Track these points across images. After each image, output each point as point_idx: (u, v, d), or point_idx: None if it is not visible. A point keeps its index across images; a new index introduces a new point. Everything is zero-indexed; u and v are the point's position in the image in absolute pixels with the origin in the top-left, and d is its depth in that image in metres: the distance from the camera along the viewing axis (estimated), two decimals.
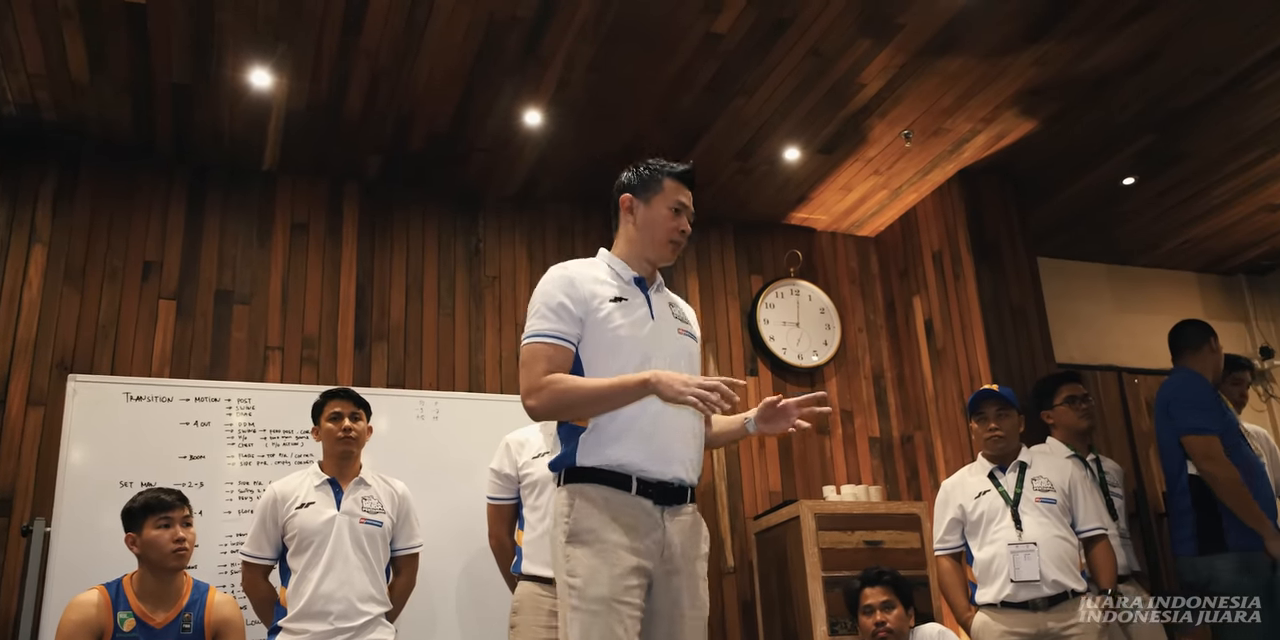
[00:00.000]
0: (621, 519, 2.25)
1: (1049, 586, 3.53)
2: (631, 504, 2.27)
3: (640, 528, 2.26)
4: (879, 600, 3.54)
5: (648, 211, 2.49)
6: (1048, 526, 3.61)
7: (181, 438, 4.01)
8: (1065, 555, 3.59)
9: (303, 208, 4.74)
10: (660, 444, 2.31)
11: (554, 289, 2.39)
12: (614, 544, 2.22)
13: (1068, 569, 3.57)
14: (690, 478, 2.37)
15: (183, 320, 4.39)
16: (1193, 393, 3.81)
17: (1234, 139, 4.82)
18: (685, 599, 2.30)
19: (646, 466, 2.29)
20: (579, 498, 2.29)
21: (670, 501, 2.31)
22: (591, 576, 2.20)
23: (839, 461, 5.17)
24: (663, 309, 2.49)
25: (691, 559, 2.34)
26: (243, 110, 4.27)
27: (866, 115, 4.51)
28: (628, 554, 2.22)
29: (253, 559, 3.43)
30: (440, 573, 4.05)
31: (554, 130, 4.51)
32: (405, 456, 4.14)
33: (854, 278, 5.55)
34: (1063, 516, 3.67)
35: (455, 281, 4.85)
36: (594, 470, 2.30)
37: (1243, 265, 6.28)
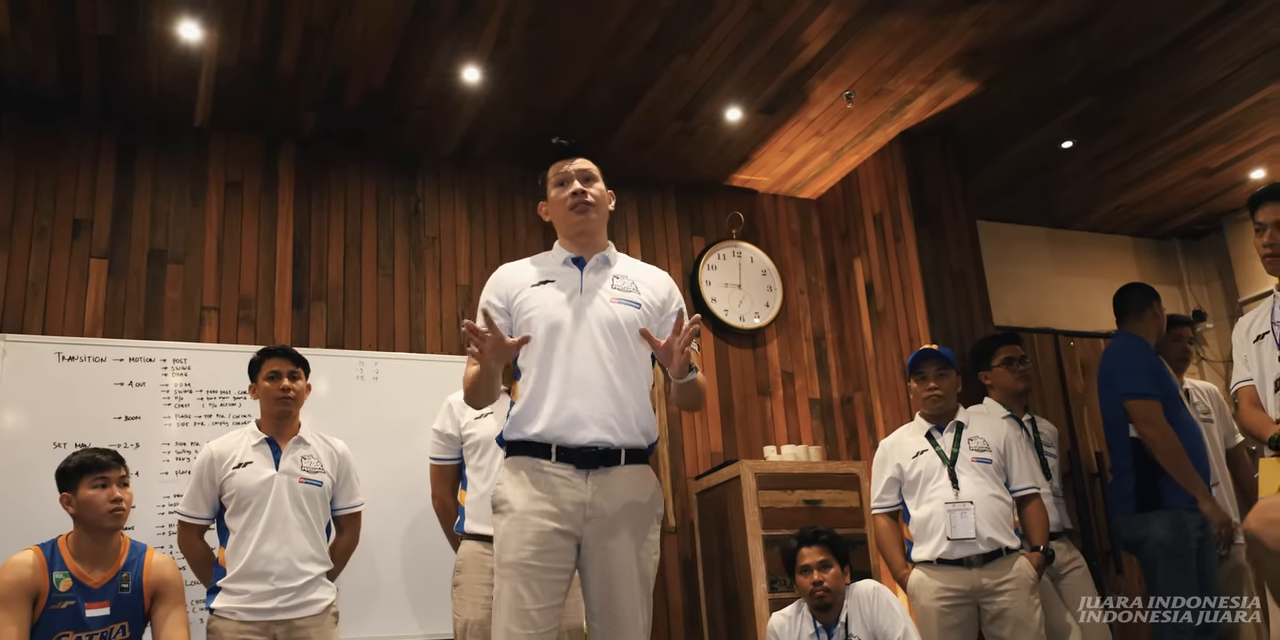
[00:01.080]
0: (537, 487, 2.39)
1: (984, 544, 3.59)
2: (552, 471, 2.40)
3: (559, 494, 2.38)
4: (816, 560, 3.58)
5: (550, 203, 2.71)
6: (983, 485, 3.67)
7: (116, 398, 4.00)
8: (1000, 513, 3.65)
9: (236, 165, 4.70)
10: (573, 409, 2.42)
11: (484, 293, 2.65)
12: (525, 511, 2.38)
13: (1002, 527, 3.63)
14: (619, 439, 2.44)
15: (115, 279, 4.36)
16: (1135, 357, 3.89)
17: (1174, 101, 4.90)
18: (620, 558, 2.39)
19: (563, 433, 2.41)
20: (506, 470, 2.46)
21: (594, 464, 2.41)
22: (504, 543, 2.39)
23: (780, 422, 5.25)
24: (598, 281, 2.61)
25: (627, 518, 2.42)
26: (172, 64, 4.21)
27: (809, 75, 4.54)
28: (540, 519, 2.37)
29: (189, 519, 3.44)
30: (383, 533, 4.08)
31: (493, 88, 4.50)
32: (345, 417, 4.16)
33: (795, 240, 5.61)
34: (998, 476, 3.73)
35: (395, 241, 4.84)
36: (518, 443, 2.45)
37: (1177, 229, 6.43)
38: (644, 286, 2.65)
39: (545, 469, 2.41)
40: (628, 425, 2.46)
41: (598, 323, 2.52)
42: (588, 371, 2.46)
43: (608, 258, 2.67)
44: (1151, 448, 3.74)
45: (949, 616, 3.62)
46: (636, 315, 2.57)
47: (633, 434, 2.46)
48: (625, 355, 2.51)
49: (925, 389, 3.85)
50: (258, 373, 3.52)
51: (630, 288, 2.63)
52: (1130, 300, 4.12)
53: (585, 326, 2.51)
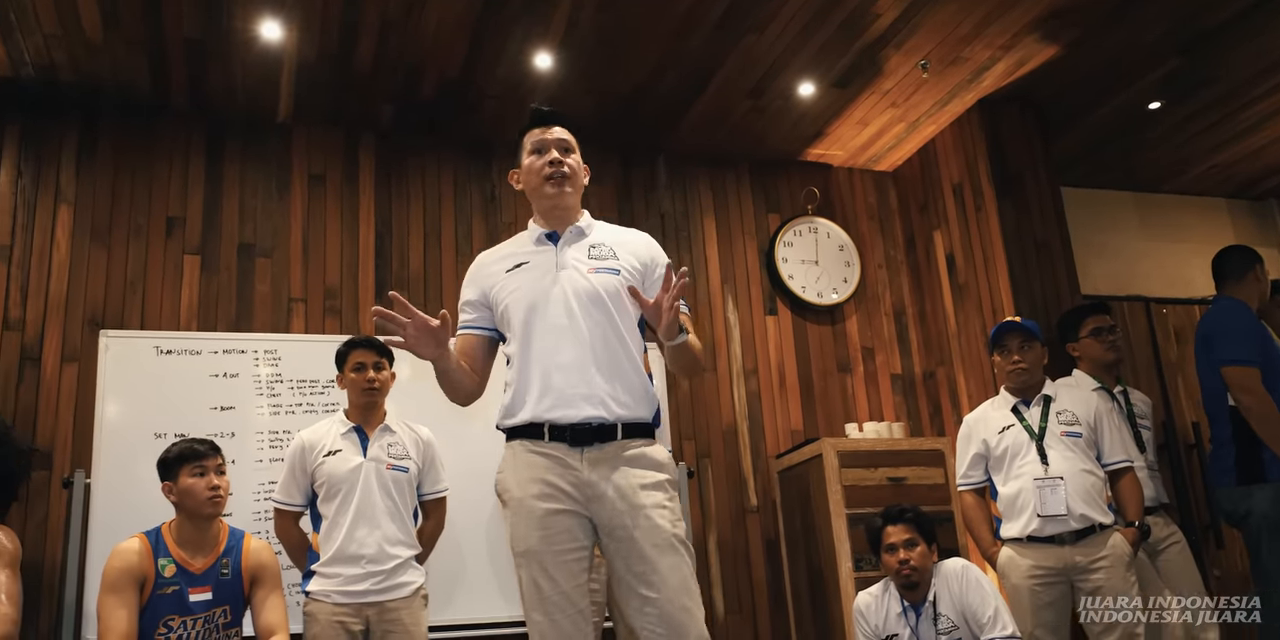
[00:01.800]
0: (533, 471, 2.31)
1: (1076, 520, 3.51)
2: (545, 452, 2.31)
3: (556, 474, 2.29)
4: (902, 538, 3.52)
5: (523, 171, 2.56)
6: (1073, 460, 3.59)
7: (211, 389, 4.09)
8: (1092, 489, 3.56)
9: (319, 158, 4.77)
10: (558, 389, 2.32)
11: (463, 289, 2.57)
12: (525, 496, 2.30)
13: (1094, 502, 3.54)
14: (613, 413, 2.32)
15: (207, 274, 4.46)
16: (1234, 322, 3.72)
17: (1264, 60, 4.71)
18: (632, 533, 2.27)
19: (553, 414, 2.31)
20: (503, 458, 2.40)
21: (589, 441, 2.31)
22: (512, 532, 2.32)
23: (860, 399, 5.19)
24: (574, 254, 2.48)
25: (629, 491, 2.29)
26: (255, 62, 4.29)
27: (882, 46, 4.44)
28: (541, 502, 2.28)
29: (284, 506, 3.51)
30: (468, 518, 4.12)
31: (564, 74, 4.49)
32: (429, 404, 4.10)
33: (872, 213, 5.52)
34: (1088, 450, 3.64)
35: (472, 228, 4.87)
36: (511, 429, 2.38)
37: (1274, 189, 6.17)
38: (622, 250, 2.51)
39: (539, 450, 2.31)
40: (620, 399, 2.34)
41: (575, 296, 2.40)
42: (572, 347, 2.35)
43: (582, 229, 2.53)
44: (1247, 417, 3.59)
45: (1042, 595, 3.55)
46: (617, 282, 2.43)
47: (628, 407, 2.34)
48: (610, 326, 2.39)
49: (1009, 362, 3.76)
50: (344, 364, 3.57)
51: (608, 254, 2.49)
52: (1230, 263, 3.94)
53: (563, 302, 2.39)
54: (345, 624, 3.31)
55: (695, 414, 4.92)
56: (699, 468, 4.83)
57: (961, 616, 3.45)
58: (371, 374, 3.53)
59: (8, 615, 3.09)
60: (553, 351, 2.35)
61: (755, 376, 5.07)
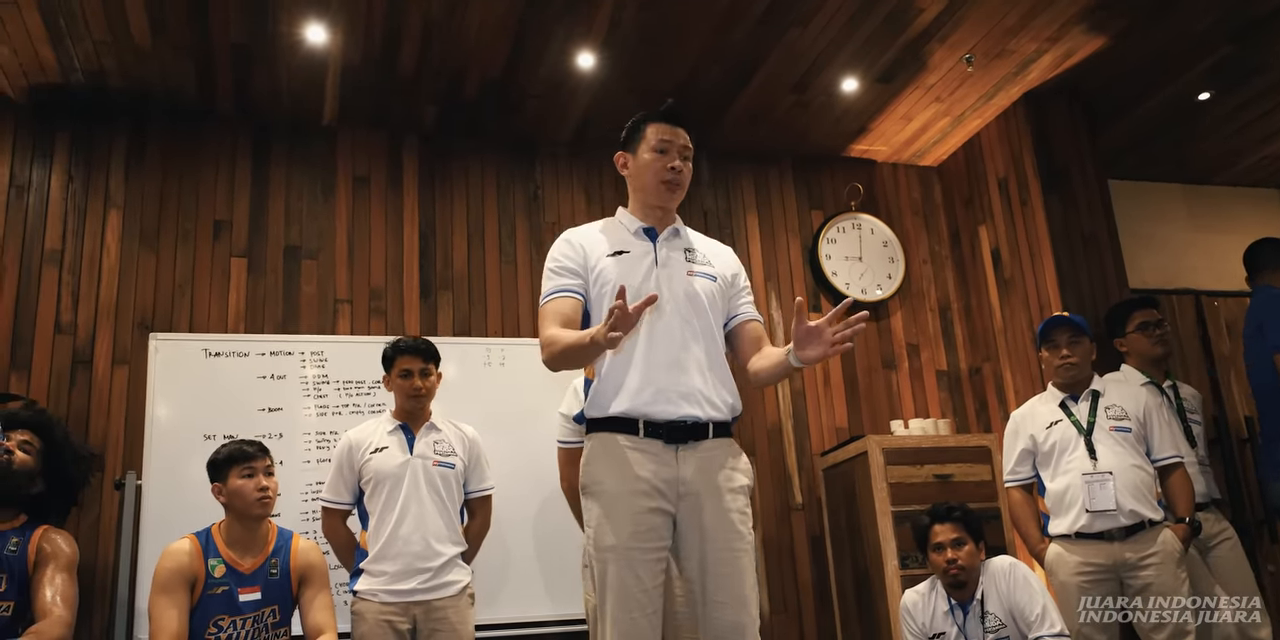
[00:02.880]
0: (629, 465, 2.30)
1: (1125, 516, 3.48)
2: (640, 447, 2.31)
3: (650, 470, 2.30)
4: (949, 537, 3.50)
5: (636, 161, 2.56)
6: (1123, 455, 3.55)
7: (259, 391, 4.11)
8: (1141, 484, 3.52)
9: (363, 161, 4.77)
10: (659, 384, 2.34)
11: (554, 253, 2.54)
12: (620, 492, 2.28)
13: (1144, 498, 3.50)
14: (706, 413, 2.36)
15: (254, 277, 4.48)
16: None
17: None
18: (713, 534, 2.30)
19: (651, 409, 2.32)
20: (591, 449, 2.37)
21: (683, 439, 2.32)
22: (600, 526, 2.29)
23: (906, 396, 5.13)
24: (673, 255, 2.51)
25: (717, 493, 2.33)
26: (300, 66, 4.29)
27: (926, 40, 4.38)
28: (635, 498, 2.28)
29: (331, 504, 3.51)
30: (514, 516, 4.12)
31: (606, 72, 4.46)
32: (474, 403, 4.18)
33: (917, 209, 5.46)
34: (1138, 445, 3.60)
35: (515, 228, 4.86)
36: (603, 420, 2.36)
37: None
38: (716, 259, 2.58)
39: (634, 445, 2.32)
40: (713, 399, 2.39)
41: (677, 296, 2.44)
42: (672, 345, 2.38)
43: (679, 230, 2.58)
44: None
45: (1090, 592, 3.50)
46: (714, 288, 2.51)
47: (718, 408, 2.39)
48: (706, 328, 2.44)
49: (1058, 357, 3.73)
50: (391, 367, 3.56)
51: (704, 261, 2.55)
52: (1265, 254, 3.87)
53: (669, 300, 2.42)
54: (393, 623, 3.30)
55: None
56: None
57: (1009, 615, 3.43)
58: (418, 382, 3.52)
59: (62, 617, 3.11)
60: (655, 347, 2.37)
61: (799, 374, 5.03)
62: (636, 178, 2.55)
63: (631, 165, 2.56)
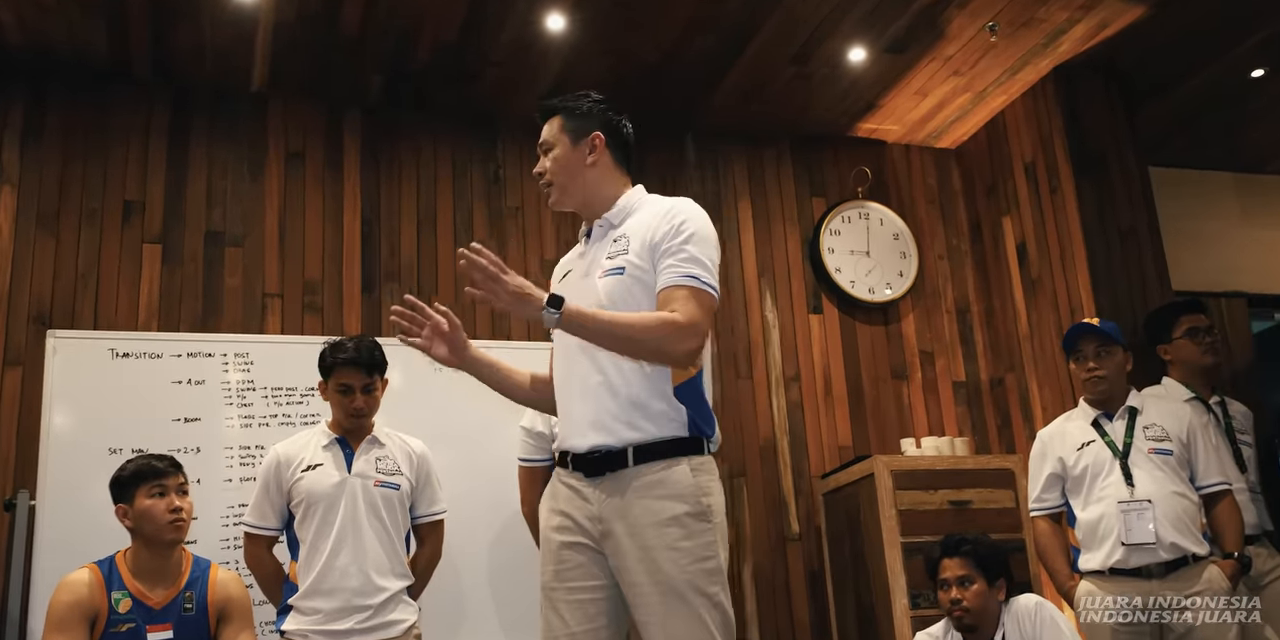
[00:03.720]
0: (555, 500, 2.41)
1: (1166, 550, 3.50)
2: (567, 482, 2.40)
3: (571, 505, 2.37)
4: (955, 575, 3.51)
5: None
6: (1163, 481, 3.58)
7: (174, 398, 4.08)
8: (1184, 514, 3.55)
9: (298, 134, 4.76)
10: (570, 412, 2.40)
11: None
12: (546, 527, 2.41)
13: (1187, 530, 3.53)
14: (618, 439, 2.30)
15: (170, 266, 4.46)
16: None
17: None
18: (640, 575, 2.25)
19: (568, 442, 2.39)
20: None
21: (599, 471, 2.32)
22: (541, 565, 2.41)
23: (918, 410, 5.17)
24: (599, 254, 2.46)
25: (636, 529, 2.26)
26: (226, 23, 4.28)
27: (944, 6, 4.42)
28: (555, 534, 2.38)
29: (256, 529, 3.48)
30: (467, 543, 4.10)
31: (579, 37, 4.47)
32: (422, 413, 4.15)
33: (932, 197, 5.50)
34: (1180, 470, 3.64)
35: (473, 214, 4.87)
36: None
37: None
38: (634, 238, 2.40)
39: (562, 479, 2.42)
40: (631, 420, 2.30)
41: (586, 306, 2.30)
42: (576, 366, 2.38)
43: (610, 220, 2.49)
44: None
45: (1124, 635, 3.52)
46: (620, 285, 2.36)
47: (642, 429, 2.29)
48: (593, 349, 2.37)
49: (1084, 370, 3.79)
50: (328, 376, 3.53)
51: (622, 249, 2.41)
52: None
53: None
54: None
55: (728, 427, 4.89)
56: (732, 489, 4.81)
57: None
58: (359, 401, 3.50)
59: None
60: (564, 372, 2.43)
61: (797, 384, 5.04)
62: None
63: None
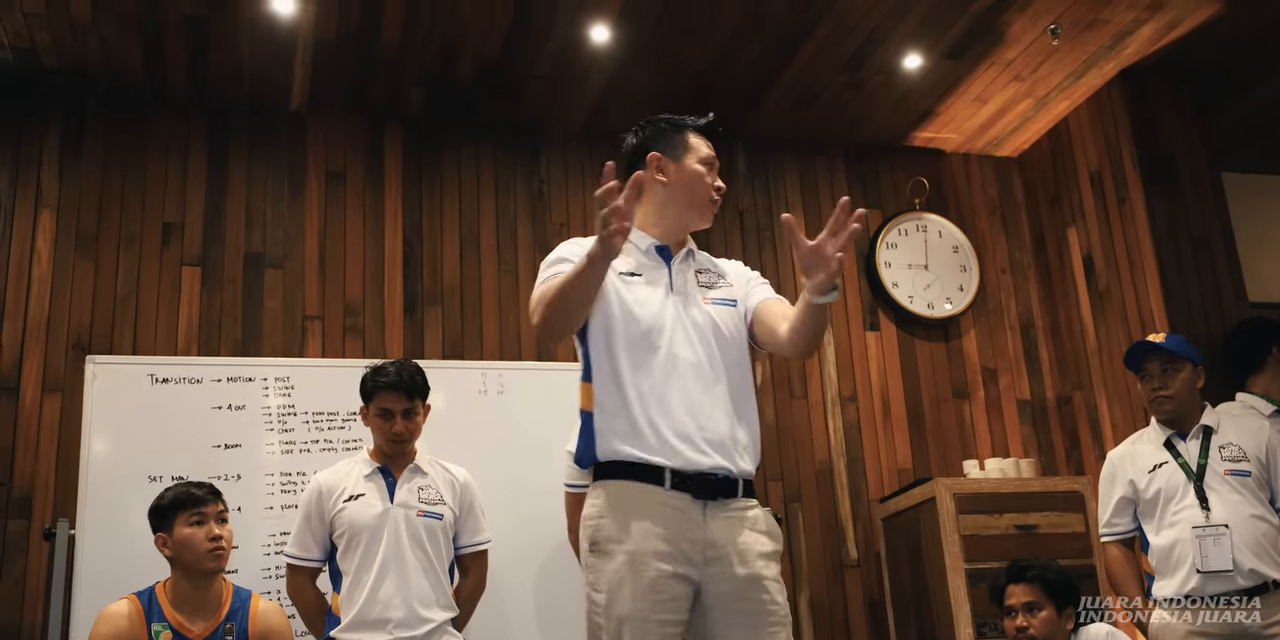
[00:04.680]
0: (650, 521, 2.30)
1: (1244, 577, 3.45)
2: (664, 501, 2.31)
3: (676, 530, 2.30)
4: (1022, 601, 3.51)
5: (679, 170, 2.55)
6: (1241, 504, 3.54)
7: (214, 424, 4.11)
8: (1264, 538, 3.51)
9: (338, 153, 4.80)
10: (686, 429, 2.34)
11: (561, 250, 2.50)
12: (640, 550, 2.28)
13: (1267, 555, 3.49)
14: (738, 466, 2.38)
15: (209, 289, 4.50)
16: None
17: None
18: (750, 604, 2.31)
19: (676, 457, 2.32)
20: (600, 500, 2.35)
21: (714, 495, 2.33)
22: (615, 591, 2.27)
23: (982, 430, 5.13)
24: (688, 279, 2.54)
25: (750, 560, 2.34)
26: (264, 43, 4.33)
27: (1003, 8, 4.41)
28: (658, 562, 2.27)
29: (298, 561, 3.50)
30: (512, 572, 4.10)
31: (625, 49, 4.50)
32: (466, 439, 4.19)
33: (993, 208, 5.48)
34: (1259, 491, 3.59)
35: (517, 232, 4.88)
36: (617, 465, 2.35)
37: None
38: (730, 276, 2.63)
39: (658, 498, 2.31)
40: (744, 452, 2.41)
41: (698, 328, 2.47)
42: (695, 384, 2.39)
43: (692, 251, 2.62)
44: None
45: None
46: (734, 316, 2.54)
47: (747, 462, 2.42)
48: (732, 363, 2.47)
49: (1150, 390, 3.77)
50: (369, 400, 3.56)
51: (718, 283, 2.59)
52: None
53: (686, 332, 2.45)
54: None
55: (783, 449, 4.88)
56: (788, 514, 4.79)
57: None
58: (400, 426, 3.51)
59: None
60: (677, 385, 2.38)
61: (854, 404, 5.03)
62: (680, 190, 2.55)
63: (673, 173, 2.55)
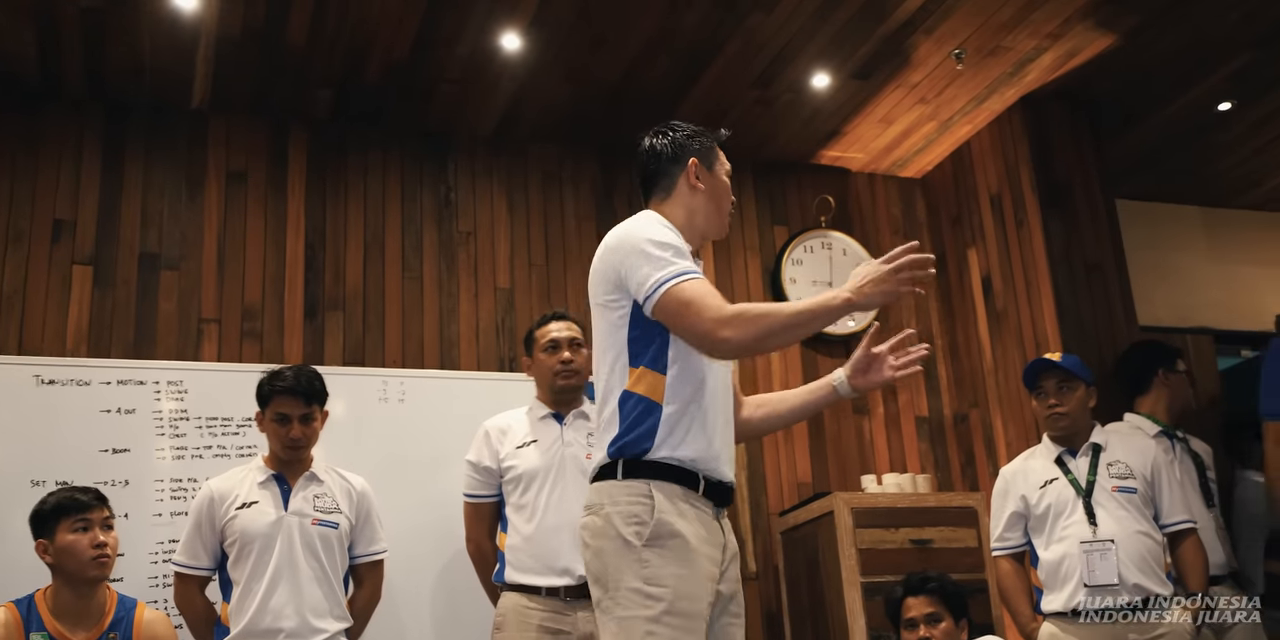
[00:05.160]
0: (703, 525, 2.33)
1: (1129, 591, 3.53)
2: (701, 506, 2.35)
3: (711, 534, 2.35)
4: (923, 612, 3.55)
5: (713, 179, 2.60)
6: (1127, 520, 3.62)
7: (103, 427, 4.05)
8: (1148, 554, 3.59)
9: (240, 153, 4.74)
10: (720, 441, 2.40)
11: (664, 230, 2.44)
12: (703, 553, 2.30)
13: (1151, 571, 3.57)
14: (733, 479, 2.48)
15: (101, 289, 4.42)
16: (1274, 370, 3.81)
17: None
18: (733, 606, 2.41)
19: (713, 466, 2.37)
20: (658, 495, 2.30)
21: (725, 503, 2.41)
22: (681, 588, 2.24)
23: (880, 446, 5.19)
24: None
25: (736, 563, 2.44)
26: (166, 38, 4.26)
27: (910, 32, 4.47)
28: (711, 565, 2.31)
29: (187, 569, 3.47)
30: (409, 583, 4.09)
31: (536, 57, 4.49)
32: (365, 447, 4.18)
33: (897, 227, 5.55)
34: (1144, 508, 3.68)
35: (422, 238, 4.86)
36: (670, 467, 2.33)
37: None
38: None
39: (695, 503, 2.34)
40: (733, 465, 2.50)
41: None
42: (725, 400, 2.46)
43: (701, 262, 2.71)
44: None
45: None
46: None
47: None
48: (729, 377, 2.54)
49: (1045, 407, 3.84)
50: (265, 405, 3.53)
51: None
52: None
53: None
54: None
55: None
56: None
57: None
58: (296, 431, 3.50)
59: None
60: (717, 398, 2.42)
61: None
62: (713, 200, 2.59)
63: (707, 182, 2.58)
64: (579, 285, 4.91)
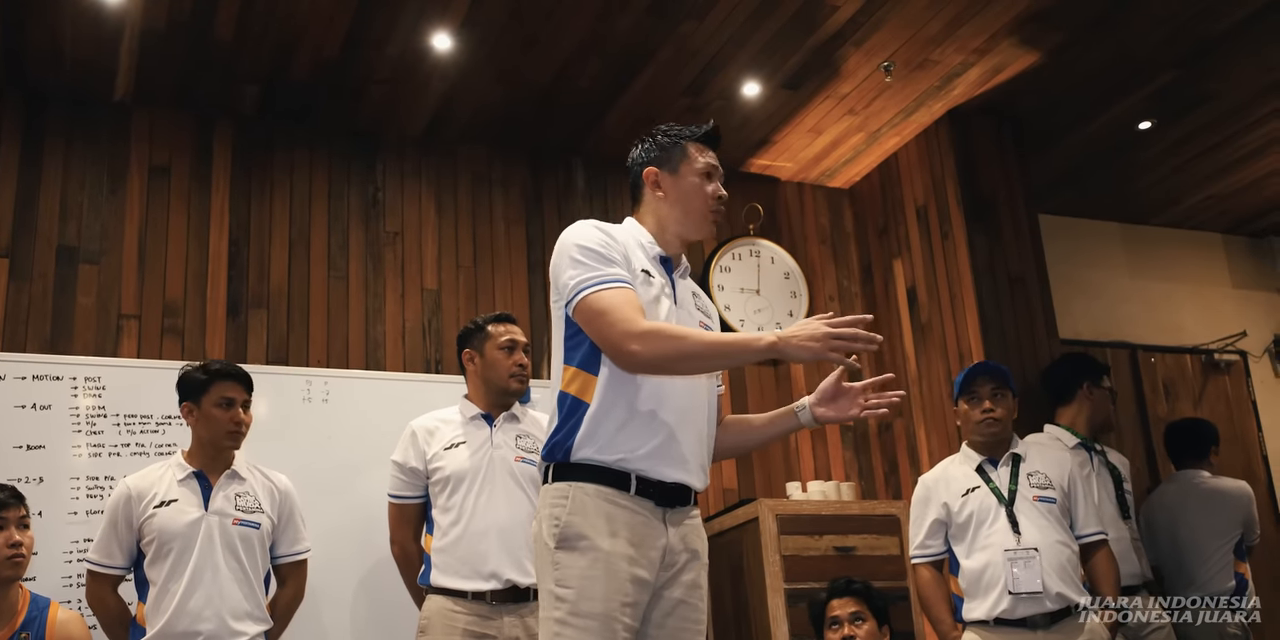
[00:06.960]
0: (622, 524, 2.33)
1: (1052, 600, 3.56)
2: (633, 506, 2.35)
3: (642, 534, 2.34)
4: (848, 612, 3.58)
5: (676, 183, 2.59)
6: (1048, 529, 3.66)
7: (16, 424, 4.00)
8: (1068, 563, 3.63)
9: (163, 147, 4.71)
10: (672, 443, 2.39)
11: (586, 237, 2.46)
12: (614, 551, 2.30)
13: (1071, 580, 3.61)
14: (697, 484, 2.45)
15: (17, 282, 4.36)
16: None
17: (1269, 76, 4.90)
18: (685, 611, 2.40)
19: (649, 465, 2.36)
20: (575, 495, 2.35)
21: (673, 502, 2.40)
22: (585, 589, 2.28)
23: (805, 454, 5.23)
24: (685, 297, 2.59)
25: (695, 567, 2.43)
26: (88, 26, 4.22)
27: (840, 43, 4.53)
28: (629, 566, 2.30)
29: (101, 568, 3.43)
30: (333, 584, 4.07)
31: (467, 58, 4.51)
32: (289, 447, 4.16)
33: (824, 236, 5.61)
34: (1062, 518, 3.72)
35: (349, 238, 4.85)
36: (590, 467, 2.36)
37: (1275, 226, 6.41)
38: (714, 313, 2.72)
39: (622, 503, 2.34)
40: (703, 469, 2.48)
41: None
42: (682, 400, 2.43)
43: (689, 267, 2.69)
44: None
45: None
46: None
47: (704, 480, 2.49)
48: (710, 388, 2.55)
49: (979, 411, 3.82)
50: (201, 395, 3.50)
51: (707, 312, 2.66)
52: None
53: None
54: None
55: None
56: None
57: None
58: (241, 414, 3.49)
59: None
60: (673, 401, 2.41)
61: None
62: (678, 203, 2.58)
63: (670, 188, 2.59)
64: (507, 287, 4.95)
